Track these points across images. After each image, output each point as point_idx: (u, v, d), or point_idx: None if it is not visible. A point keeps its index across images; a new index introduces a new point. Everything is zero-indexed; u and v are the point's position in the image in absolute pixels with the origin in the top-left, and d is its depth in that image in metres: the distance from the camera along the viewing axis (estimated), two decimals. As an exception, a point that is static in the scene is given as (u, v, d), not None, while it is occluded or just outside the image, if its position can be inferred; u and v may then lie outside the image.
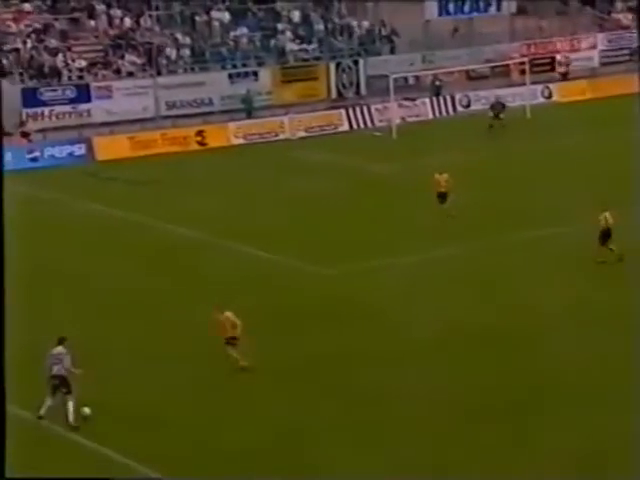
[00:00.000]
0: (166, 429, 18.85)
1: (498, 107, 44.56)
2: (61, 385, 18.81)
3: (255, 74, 47.36)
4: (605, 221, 26.58)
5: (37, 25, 45.69)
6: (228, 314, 20.93)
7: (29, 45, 44.43)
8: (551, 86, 51.26)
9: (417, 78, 49.84)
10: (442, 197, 31.19)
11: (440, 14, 53.38)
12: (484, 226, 30.40)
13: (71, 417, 18.65)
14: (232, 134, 44.04)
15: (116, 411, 19.44)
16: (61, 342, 19.17)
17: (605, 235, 26.60)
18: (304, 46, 49.69)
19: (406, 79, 48.93)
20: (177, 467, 17.51)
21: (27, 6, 46.21)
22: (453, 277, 26.48)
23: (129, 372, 21.32)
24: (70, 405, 18.66)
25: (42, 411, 18.86)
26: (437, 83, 49.08)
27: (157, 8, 47.30)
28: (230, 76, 46.79)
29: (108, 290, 26.21)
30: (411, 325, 23.28)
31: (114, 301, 25.44)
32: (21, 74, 43.68)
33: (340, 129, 45.78)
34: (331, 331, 23.00)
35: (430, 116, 47.87)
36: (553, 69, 53.76)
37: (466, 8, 53.63)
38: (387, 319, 23.72)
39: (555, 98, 50.85)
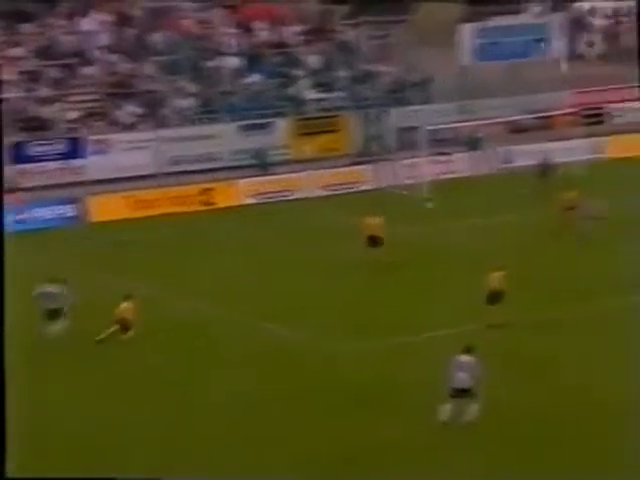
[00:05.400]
0: None
1: (544, 166, 44.10)
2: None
3: (269, 126, 47.07)
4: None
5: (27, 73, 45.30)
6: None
7: (18, 95, 44.05)
8: (603, 140, 50.23)
9: (453, 130, 49.07)
10: (374, 242, 33.23)
11: (481, 59, 52.79)
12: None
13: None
14: (243, 193, 43.59)
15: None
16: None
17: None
18: (325, 95, 49.40)
19: (440, 131, 47.89)
20: None
21: (16, 51, 46.00)
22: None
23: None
24: None
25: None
26: (476, 136, 48.50)
27: (161, 53, 47.09)
28: (241, 128, 46.46)
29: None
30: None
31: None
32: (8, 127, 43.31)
33: (364, 187, 45.30)
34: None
35: (467, 173, 47.26)
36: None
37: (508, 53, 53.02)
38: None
39: (608, 154, 49.76)
